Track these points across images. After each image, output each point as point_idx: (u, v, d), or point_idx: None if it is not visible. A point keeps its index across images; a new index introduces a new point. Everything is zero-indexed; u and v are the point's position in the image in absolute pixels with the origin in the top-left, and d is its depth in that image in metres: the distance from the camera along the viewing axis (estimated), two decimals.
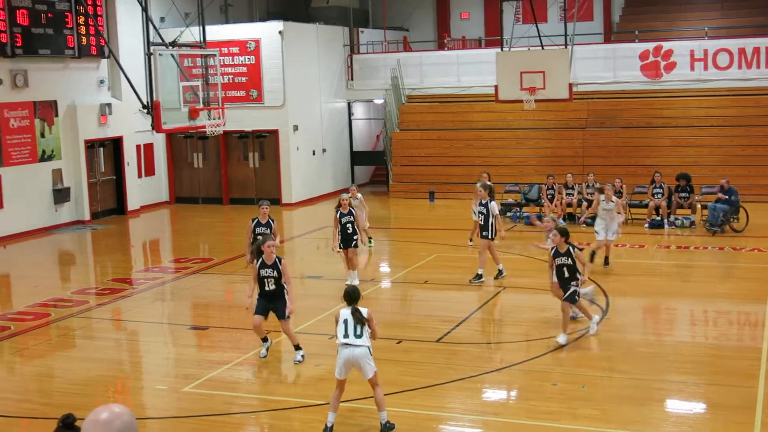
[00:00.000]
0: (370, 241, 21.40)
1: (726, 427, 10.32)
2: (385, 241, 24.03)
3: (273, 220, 16.23)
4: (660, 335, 14.61)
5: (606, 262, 18.61)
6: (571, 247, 13.44)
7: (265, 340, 13.05)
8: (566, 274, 13.41)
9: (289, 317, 12.69)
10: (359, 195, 20.85)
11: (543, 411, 10.81)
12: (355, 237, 17.33)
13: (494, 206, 17.48)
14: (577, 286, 13.41)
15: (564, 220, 23.75)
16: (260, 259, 12.63)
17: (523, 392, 11.75)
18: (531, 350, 13.31)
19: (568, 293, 13.34)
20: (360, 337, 10.00)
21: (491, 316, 14.83)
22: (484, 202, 17.52)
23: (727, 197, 22.13)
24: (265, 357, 13.02)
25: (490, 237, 17.31)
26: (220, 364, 13.01)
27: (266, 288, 12.60)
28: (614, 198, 18.66)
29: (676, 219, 23.29)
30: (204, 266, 20.26)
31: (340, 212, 17.28)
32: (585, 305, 14.21)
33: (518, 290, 17.20)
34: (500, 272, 17.55)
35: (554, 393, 11.44)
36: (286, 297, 12.64)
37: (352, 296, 10.22)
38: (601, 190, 19.23)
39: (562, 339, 13.27)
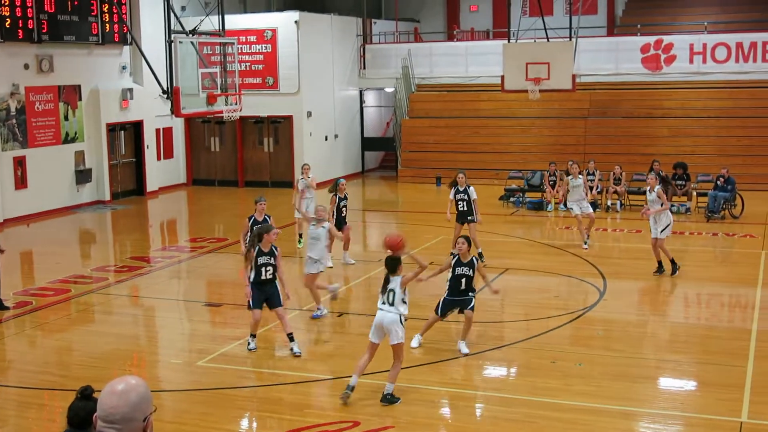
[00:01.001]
0: (300, 240, 19.75)
1: (716, 405, 10.55)
2: (393, 223, 24.51)
3: (269, 217, 15.40)
4: (654, 316, 14.99)
5: (668, 269, 16.91)
6: (474, 259, 12.58)
7: (254, 336, 12.74)
8: (463, 287, 12.45)
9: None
10: (311, 175, 19.47)
11: (541, 387, 11.12)
12: (347, 220, 17.99)
13: (473, 191, 17.68)
14: (474, 294, 12.58)
15: (564, 205, 24.37)
16: (257, 247, 12.27)
17: (523, 369, 12.05)
18: (531, 329, 13.62)
19: (471, 304, 12.49)
20: (392, 305, 10.43)
21: (493, 297, 14.54)
22: (462, 188, 17.69)
23: (728, 186, 22.64)
24: (254, 350, 12.68)
25: (475, 221, 17.64)
26: (233, 339, 13.29)
27: (263, 276, 12.28)
28: (657, 188, 16.72)
29: (672, 205, 23.72)
30: (219, 246, 20.61)
31: (338, 197, 17.85)
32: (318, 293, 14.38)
33: (519, 272, 17.64)
34: (481, 255, 17.49)
35: (552, 370, 11.75)
36: (278, 284, 12.44)
37: (388, 264, 10.58)
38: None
39: (463, 348, 12.53)
